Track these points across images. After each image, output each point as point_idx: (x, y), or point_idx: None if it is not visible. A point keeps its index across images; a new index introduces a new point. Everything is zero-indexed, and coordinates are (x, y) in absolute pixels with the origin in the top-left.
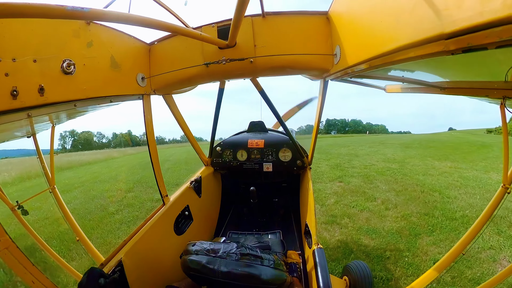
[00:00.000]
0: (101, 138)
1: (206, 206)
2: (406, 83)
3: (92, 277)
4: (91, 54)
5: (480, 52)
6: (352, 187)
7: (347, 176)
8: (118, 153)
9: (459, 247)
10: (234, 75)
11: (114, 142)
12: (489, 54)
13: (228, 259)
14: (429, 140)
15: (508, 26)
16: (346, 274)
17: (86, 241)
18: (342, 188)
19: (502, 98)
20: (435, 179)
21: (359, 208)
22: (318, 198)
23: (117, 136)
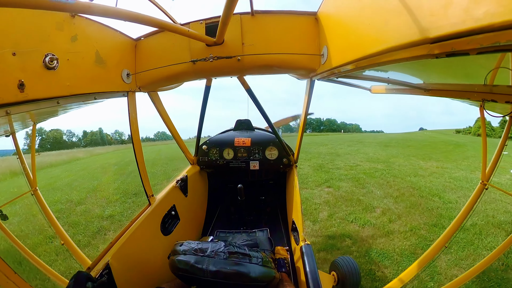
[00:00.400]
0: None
1: (192, 206)
2: (391, 84)
3: (79, 281)
4: (76, 48)
5: (462, 57)
6: (344, 193)
7: (334, 180)
8: (84, 153)
9: (442, 240)
10: (221, 73)
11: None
12: (470, 59)
13: (217, 258)
14: (406, 139)
15: (488, 34)
16: (333, 269)
17: (72, 245)
18: (333, 196)
19: (482, 100)
20: (428, 180)
21: (359, 223)
22: (307, 211)
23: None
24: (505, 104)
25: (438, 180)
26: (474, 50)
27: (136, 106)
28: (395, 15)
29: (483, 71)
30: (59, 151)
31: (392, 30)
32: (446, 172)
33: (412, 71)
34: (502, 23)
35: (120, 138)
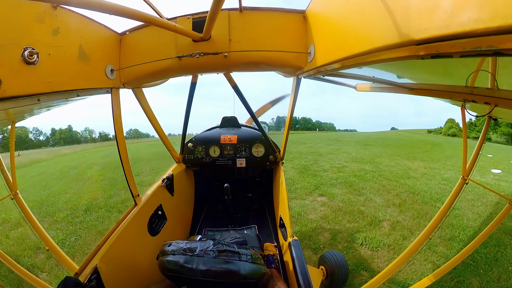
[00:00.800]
0: (38, 135)
1: (179, 205)
2: (376, 83)
3: (67, 287)
4: (57, 42)
5: (446, 59)
6: (341, 203)
7: (326, 185)
8: (48, 154)
9: (426, 233)
10: (208, 69)
11: (53, 140)
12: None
13: (206, 257)
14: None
15: (470, 39)
16: (322, 263)
17: (57, 250)
18: (329, 207)
19: (463, 101)
20: (423, 183)
21: (370, 245)
22: (304, 233)
23: (56, 133)
24: (484, 105)
25: (432, 182)
26: (458, 53)
27: (120, 103)
28: (383, 16)
29: (465, 73)
30: (18, 151)
31: (379, 30)
32: (436, 173)
33: (397, 70)
34: (484, 29)
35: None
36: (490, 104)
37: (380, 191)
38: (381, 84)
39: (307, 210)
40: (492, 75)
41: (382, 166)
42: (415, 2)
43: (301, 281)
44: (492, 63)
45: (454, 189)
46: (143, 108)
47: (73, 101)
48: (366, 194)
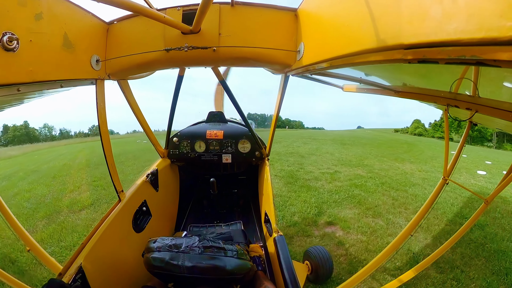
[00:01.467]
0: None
1: (164, 200)
2: (363, 84)
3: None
4: (40, 29)
5: (432, 64)
6: (363, 236)
7: (330, 205)
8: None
9: (408, 230)
10: (195, 63)
11: (5, 138)
12: (439, 67)
13: (192, 253)
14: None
15: (456, 48)
16: (307, 259)
17: (39, 250)
18: (350, 245)
19: (447, 105)
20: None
21: None
22: None
23: (8, 130)
24: (465, 110)
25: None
26: (443, 60)
27: (104, 95)
28: (374, 19)
29: (449, 79)
30: None
31: (369, 33)
32: (434, 177)
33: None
34: (469, 39)
35: (50, 134)
36: (471, 110)
37: (395, 208)
38: (367, 85)
39: None
40: (474, 83)
41: (376, 170)
42: (407, 8)
43: (287, 276)
44: (475, 72)
45: (435, 188)
46: (128, 101)
47: (56, 92)
48: (383, 214)
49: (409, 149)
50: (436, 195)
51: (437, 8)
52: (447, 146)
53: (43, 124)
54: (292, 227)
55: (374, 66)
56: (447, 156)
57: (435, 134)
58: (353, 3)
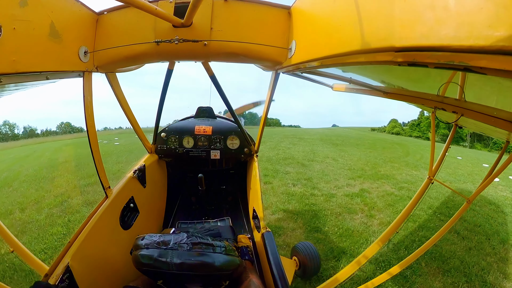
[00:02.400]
0: None
1: (152, 197)
2: (352, 84)
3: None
4: (25, 16)
5: (421, 68)
6: None
7: None
8: None
9: (394, 227)
10: (186, 57)
11: None
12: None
13: (180, 250)
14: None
15: (445, 53)
16: (294, 254)
17: (23, 251)
18: None
19: (434, 108)
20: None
21: None
22: None
23: None
24: (452, 114)
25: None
26: (432, 64)
27: (92, 88)
28: (367, 20)
29: (437, 83)
30: None
31: (361, 34)
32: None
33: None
34: (458, 46)
35: (11, 132)
36: (457, 113)
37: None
38: (357, 85)
39: None
40: (461, 87)
41: (405, 184)
42: (400, 12)
43: (275, 271)
44: (462, 77)
45: (420, 187)
46: (116, 94)
47: (41, 84)
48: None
49: (405, 151)
50: (421, 194)
51: (430, 13)
52: (433, 146)
53: (3, 121)
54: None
55: (364, 67)
56: (432, 156)
57: (412, 133)
58: (346, 4)
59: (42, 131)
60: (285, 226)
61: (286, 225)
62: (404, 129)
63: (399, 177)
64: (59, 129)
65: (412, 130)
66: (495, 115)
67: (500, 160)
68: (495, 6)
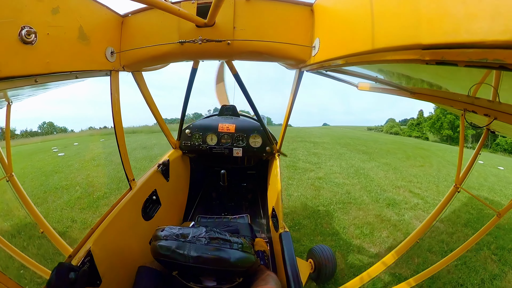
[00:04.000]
0: None
1: (174, 190)
2: (378, 83)
3: (61, 273)
4: (57, 22)
5: (451, 66)
6: None
7: None
8: None
9: (415, 236)
10: (209, 56)
11: None
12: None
13: (198, 244)
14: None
15: (477, 50)
16: (311, 257)
17: (52, 233)
18: None
19: (463, 110)
20: None
21: None
22: None
23: None
24: (483, 117)
25: None
26: (463, 62)
27: (119, 86)
28: (392, 17)
29: (468, 83)
30: None
31: (386, 31)
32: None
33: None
34: (493, 42)
35: None
36: (489, 116)
37: None
38: (383, 85)
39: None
40: (495, 88)
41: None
42: (426, 6)
43: (290, 272)
44: (496, 76)
45: (445, 196)
46: (142, 92)
47: (71, 82)
48: None
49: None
50: (446, 203)
51: (459, 6)
52: (461, 153)
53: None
54: None
55: (390, 65)
56: (460, 164)
57: (412, 133)
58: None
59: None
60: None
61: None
62: (402, 129)
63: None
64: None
65: (412, 130)
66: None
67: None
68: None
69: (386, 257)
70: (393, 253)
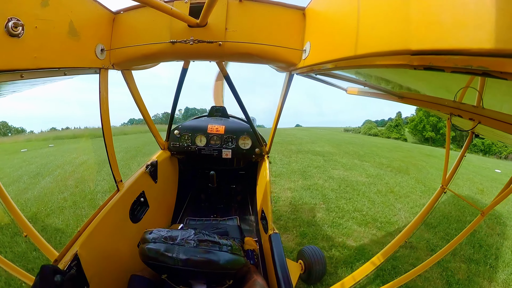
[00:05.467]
0: None
1: (162, 192)
2: (367, 87)
3: (45, 276)
4: (46, 15)
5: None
6: None
7: None
8: None
9: (402, 236)
10: (200, 57)
11: None
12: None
13: (187, 246)
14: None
15: (463, 57)
16: (300, 258)
17: (36, 236)
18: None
19: (450, 114)
20: None
21: None
22: None
23: None
24: (468, 121)
25: None
26: (449, 68)
27: (107, 84)
28: (382, 22)
29: (454, 88)
30: None
31: (376, 36)
32: None
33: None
34: (478, 49)
35: None
36: (474, 120)
37: None
38: (372, 89)
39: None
40: (479, 93)
41: None
42: (416, 13)
43: (280, 274)
44: (480, 82)
45: (433, 196)
46: (131, 91)
47: (58, 79)
48: None
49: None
50: (433, 203)
51: (447, 15)
52: (447, 155)
53: None
54: None
55: (379, 70)
56: (446, 165)
57: (390, 135)
58: (361, 5)
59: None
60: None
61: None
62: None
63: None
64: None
65: (390, 132)
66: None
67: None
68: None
69: (375, 257)
70: (382, 253)
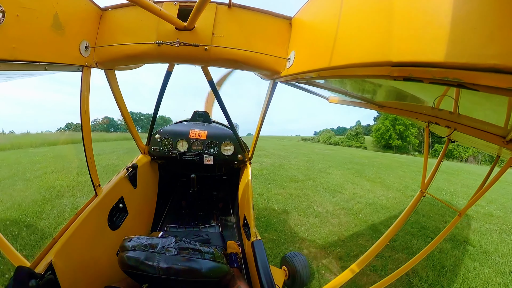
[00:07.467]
0: None
1: (142, 198)
2: (348, 96)
3: (20, 279)
4: (30, 4)
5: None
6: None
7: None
8: None
9: (385, 239)
10: (186, 60)
11: None
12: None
13: (167, 254)
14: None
15: (440, 69)
16: (284, 264)
17: (4, 244)
18: None
19: (428, 122)
20: None
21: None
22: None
23: None
24: (445, 128)
25: None
26: (428, 80)
27: (89, 83)
28: (365, 35)
29: (432, 96)
30: None
31: (359, 47)
32: None
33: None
34: (452, 63)
35: None
36: (450, 127)
37: None
38: (353, 98)
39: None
40: (455, 101)
41: None
42: (398, 28)
43: (264, 281)
44: (456, 90)
45: (412, 200)
46: (113, 92)
47: (38, 74)
48: None
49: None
50: (413, 207)
51: (426, 30)
52: (426, 160)
53: None
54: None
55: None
56: (425, 171)
57: (351, 143)
58: (346, 18)
59: None
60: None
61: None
62: (340, 139)
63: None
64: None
65: (351, 140)
66: (487, 130)
67: (491, 173)
68: (488, 26)
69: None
70: (362, 258)
